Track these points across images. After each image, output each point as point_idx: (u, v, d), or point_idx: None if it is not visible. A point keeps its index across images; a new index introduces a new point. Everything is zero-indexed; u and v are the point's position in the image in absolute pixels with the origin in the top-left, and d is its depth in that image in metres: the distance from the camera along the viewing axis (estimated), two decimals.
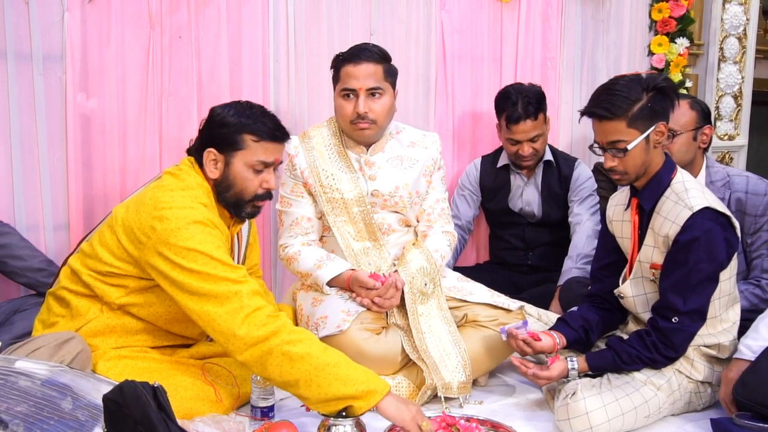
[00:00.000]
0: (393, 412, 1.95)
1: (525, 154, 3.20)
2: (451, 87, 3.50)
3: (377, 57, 2.57)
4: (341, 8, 3.22)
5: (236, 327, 1.96)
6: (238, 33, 3.03)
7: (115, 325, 2.19)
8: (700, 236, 2.15)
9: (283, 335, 1.97)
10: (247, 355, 1.97)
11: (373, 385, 1.95)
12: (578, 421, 2.13)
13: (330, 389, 1.92)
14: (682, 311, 2.19)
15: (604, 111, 2.19)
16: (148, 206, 2.08)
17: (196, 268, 1.99)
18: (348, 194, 2.59)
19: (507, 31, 3.59)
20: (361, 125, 2.56)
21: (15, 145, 2.69)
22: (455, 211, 3.40)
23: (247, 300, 1.99)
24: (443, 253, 2.67)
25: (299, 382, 1.94)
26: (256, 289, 2.05)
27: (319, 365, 1.94)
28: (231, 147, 2.15)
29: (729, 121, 4.23)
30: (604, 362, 2.28)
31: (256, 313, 1.98)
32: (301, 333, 2.02)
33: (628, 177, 2.27)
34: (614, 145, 2.21)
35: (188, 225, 2.02)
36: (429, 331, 2.46)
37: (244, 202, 2.21)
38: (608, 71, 3.79)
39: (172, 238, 2.01)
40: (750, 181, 2.75)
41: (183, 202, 2.08)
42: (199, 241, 2.01)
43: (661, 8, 3.87)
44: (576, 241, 3.22)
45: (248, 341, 1.96)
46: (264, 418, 2.17)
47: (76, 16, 2.73)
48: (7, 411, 1.61)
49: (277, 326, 1.98)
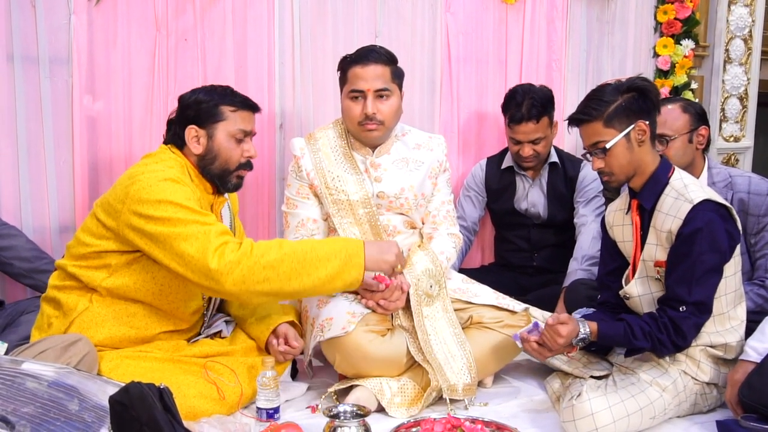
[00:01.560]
0: (373, 267, 2.22)
1: (524, 155, 3.20)
2: (456, 89, 3.50)
3: (385, 59, 2.57)
4: (346, 10, 3.23)
5: (209, 261, 2.05)
6: (244, 35, 3.04)
7: (107, 313, 2.21)
8: (703, 227, 2.18)
9: (254, 252, 2.09)
10: (230, 284, 2.06)
11: (350, 247, 2.17)
12: (583, 422, 2.13)
13: (319, 272, 2.11)
14: (688, 302, 2.20)
15: (580, 115, 2.32)
16: (123, 180, 2.20)
17: (167, 216, 2.09)
18: (354, 196, 2.60)
19: (512, 32, 3.59)
20: (369, 126, 2.57)
21: (21, 148, 2.71)
22: (461, 212, 3.40)
23: (215, 237, 2.09)
24: (448, 255, 2.67)
25: (291, 282, 2.08)
26: (225, 230, 2.15)
27: (299, 258, 2.11)
28: (211, 120, 2.29)
29: (735, 123, 4.21)
30: (615, 332, 2.26)
31: (224, 246, 2.08)
32: (268, 243, 2.15)
33: (617, 178, 2.32)
34: (596, 146, 2.30)
35: (159, 182, 2.13)
36: (434, 333, 2.46)
37: (229, 172, 2.33)
38: (613, 73, 3.78)
39: (144, 194, 2.11)
40: (752, 182, 2.74)
41: (155, 167, 2.21)
42: (169, 194, 2.12)
43: (666, 10, 3.86)
44: (581, 243, 3.22)
45: (224, 270, 2.05)
46: (269, 420, 2.18)
47: (82, 19, 2.74)
48: (14, 412, 1.61)
49: (245, 248, 2.10)
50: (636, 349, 2.28)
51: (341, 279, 2.15)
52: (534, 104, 3.14)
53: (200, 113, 2.29)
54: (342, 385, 2.44)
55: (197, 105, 2.30)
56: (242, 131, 2.32)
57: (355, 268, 2.16)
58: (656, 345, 2.24)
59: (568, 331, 2.22)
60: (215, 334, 2.48)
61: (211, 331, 2.48)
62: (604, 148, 2.27)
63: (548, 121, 3.21)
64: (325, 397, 2.44)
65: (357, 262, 2.16)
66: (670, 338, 2.22)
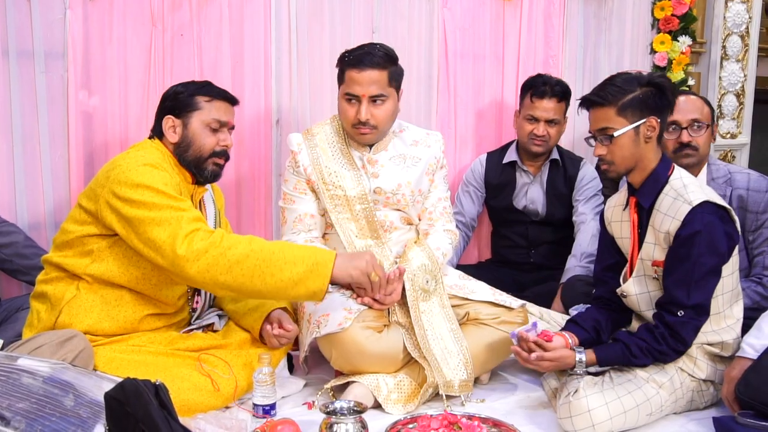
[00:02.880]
0: (343, 276, 2.17)
1: (539, 133, 3.21)
2: (453, 85, 3.50)
3: (382, 62, 2.54)
4: (343, 6, 3.22)
5: (177, 247, 2.08)
6: (240, 31, 3.03)
7: (94, 299, 2.23)
8: (701, 230, 2.16)
9: (223, 243, 2.11)
10: (194, 271, 2.08)
11: (319, 256, 2.14)
12: (580, 418, 2.13)
13: (283, 274, 2.10)
14: (686, 305, 2.19)
15: (596, 97, 2.28)
16: (105, 166, 2.27)
17: (142, 200, 2.13)
18: (351, 191, 2.59)
19: (509, 28, 3.59)
20: (363, 130, 2.58)
21: (17, 143, 2.70)
22: (459, 207, 3.40)
23: (186, 224, 2.12)
24: (445, 251, 2.67)
25: (254, 279, 2.08)
26: (198, 216, 2.17)
27: (266, 257, 2.10)
28: (187, 109, 2.34)
29: (731, 120, 4.22)
30: (613, 355, 2.27)
31: (194, 233, 2.11)
32: (240, 237, 2.16)
33: (616, 168, 2.30)
34: (603, 132, 2.28)
35: (138, 166, 2.18)
36: (431, 329, 2.46)
37: (204, 159, 2.36)
38: (610, 69, 3.77)
39: (122, 177, 2.16)
40: (751, 178, 2.75)
41: (136, 154, 2.26)
42: (147, 178, 2.16)
43: (663, 6, 3.86)
44: (580, 240, 3.22)
45: (190, 257, 2.08)
46: (266, 416, 2.18)
47: (78, 14, 2.73)
48: (9, 408, 1.61)
49: (214, 238, 2.12)
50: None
51: (304, 286, 2.12)
52: (559, 84, 3.24)
53: (177, 104, 2.35)
54: (339, 382, 2.43)
55: (175, 96, 2.37)
56: (217, 121, 2.36)
57: (320, 278, 2.13)
58: (658, 357, 2.24)
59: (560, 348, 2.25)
60: (207, 327, 2.49)
61: (204, 322, 2.49)
62: (611, 135, 2.25)
63: (565, 107, 3.26)
64: (321, 394, 2.43)
65: (323, 272, 2.13)
66: (670, 347, 2.22)
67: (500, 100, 3.61)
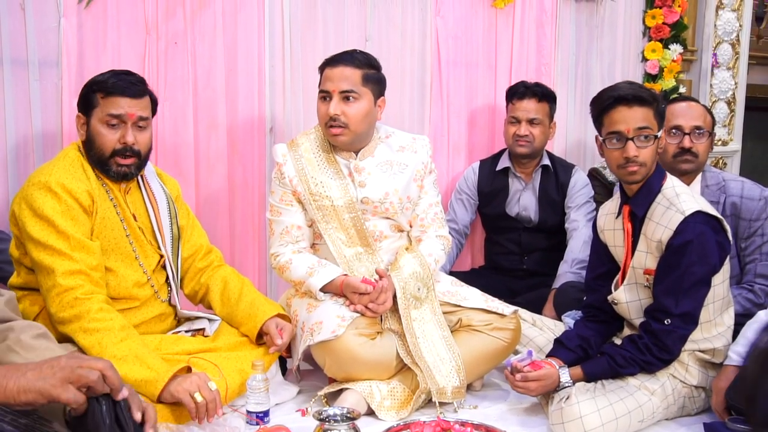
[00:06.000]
0: (167, 397, 2.02)
1: (521, 133, 3.25)
2: (446, 92, 3.51)
3: (357, 62, 2.54)
4: (336, 14, 3.23)
5: (49, 304, 2.12)
6: (234, 39, 3.04)
7: None
8: (693, 239, 2.17)
9: (82, 322, 2.08)
10: (58, 334, 2.09)
11: (155, 373, 2.02)
12: (572, 425, 2.14)
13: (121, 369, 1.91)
14: (674, 313, 2.20)
15: (644, 93, 2.25)
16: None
17: (32, 233, 2.13)
18: (338, 201, 2.58)
19: (501, 37, 3.61)
20: (334, 130, 2.54)
21: (10, 150, 2.70)
22: (452, 215, 3.41)
23: (60, 279, 2.10)
24: (437, 257, 2.67)
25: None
26: (76, 269, 2.12)
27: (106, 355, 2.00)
28: (88, 107, 2.28)
29: (722, 127, 4.24)
30: (600, 368, 2.29)
31: (65, 294, 2.09)
32: (103, 320, 2.10)
33: (646, 169, 2.27)
34: (643, 131, 2.24)
35: (36, 189, 2.15)
36: (423, 336, 2.46)
37: (106, 158, 2.27)
38: (602, 77, 3.81)
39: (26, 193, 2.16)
40: (745, 186, 2.77)
41: (44, 169, 2.23)
42: (39, 204, 2.13)
43: (654, 14, 3.89)
44: (572, 246, 3.24)
45: (56, 320, 2.11)
46: (259, 422, 2.18)
47: (72, 22, 2.74)
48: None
49: (80, 311, 2.08)
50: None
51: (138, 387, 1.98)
52: (538, 86, 3.30)
53: (82, 101, 2.30)
54: (332, 389, 2.44)
55: (82, 93, 2.30)
56: (111, 116, 2.25)
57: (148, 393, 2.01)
58: (643, 366, 2.26)
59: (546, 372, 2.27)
60: (197, 331, 2.47)
61: (194, 326, 2.48)
62: (655, 135, 2.25)
63: (548, 109, 3.30)
64: (315, 401, 2.44)
65: (151, 391, 2.01)
66: (655, 356, 2.24)
67: (493, 108, 3.63)
